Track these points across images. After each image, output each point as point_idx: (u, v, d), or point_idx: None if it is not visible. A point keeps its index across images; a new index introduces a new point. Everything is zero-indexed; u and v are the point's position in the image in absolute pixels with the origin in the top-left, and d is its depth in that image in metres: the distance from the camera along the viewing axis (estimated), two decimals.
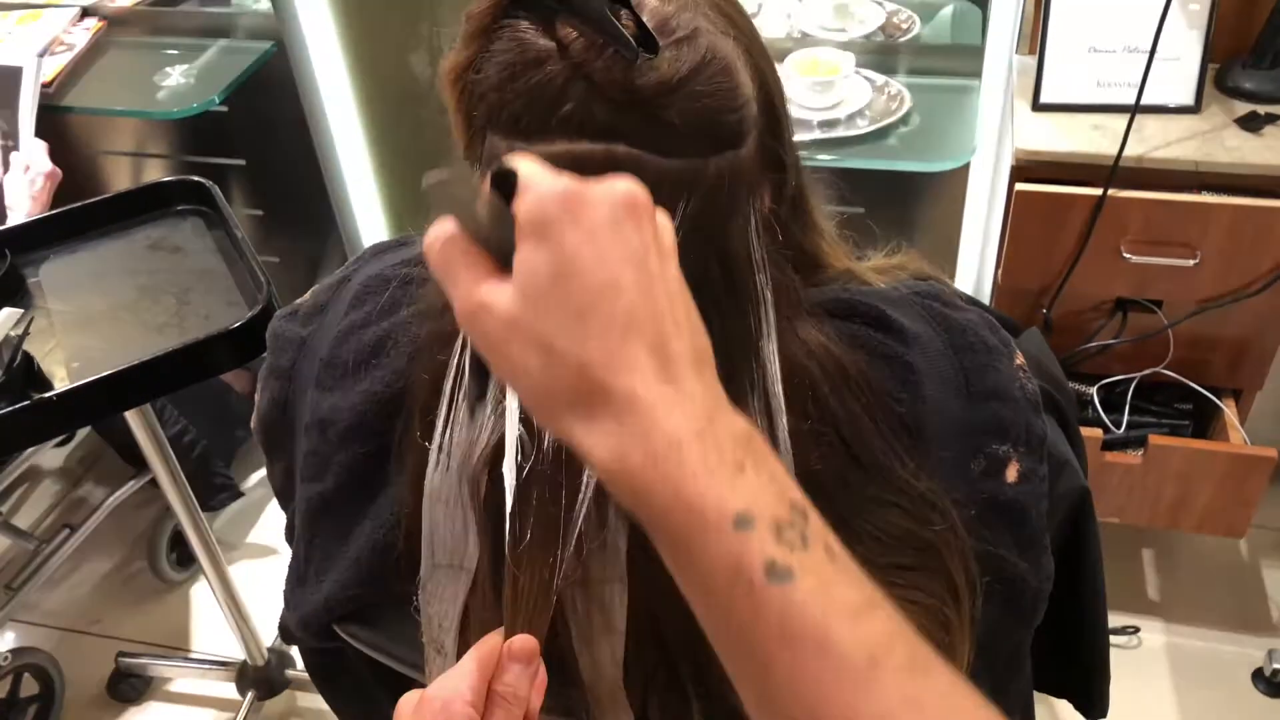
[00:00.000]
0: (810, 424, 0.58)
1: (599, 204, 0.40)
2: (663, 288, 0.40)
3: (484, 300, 0.40)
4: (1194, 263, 1.36)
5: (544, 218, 0.39)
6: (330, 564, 0.69)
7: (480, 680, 0.48)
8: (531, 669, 0.50)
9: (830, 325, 0.61)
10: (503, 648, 0.50)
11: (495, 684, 0.49)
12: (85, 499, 2.11)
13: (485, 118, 0.54)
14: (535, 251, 0.39)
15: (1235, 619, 1.71)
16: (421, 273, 0.68)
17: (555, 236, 0.39)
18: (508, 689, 0.49)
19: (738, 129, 0.53)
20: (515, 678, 0.49)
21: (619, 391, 0.38)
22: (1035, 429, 0.65)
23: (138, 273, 1.31)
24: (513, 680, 0.49)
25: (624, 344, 0.39)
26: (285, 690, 1.71)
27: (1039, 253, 1.44)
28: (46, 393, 1.09)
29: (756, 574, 0.37)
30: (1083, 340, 1.54)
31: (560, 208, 0.39)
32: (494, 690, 0.49)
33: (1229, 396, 1.57)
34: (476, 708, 0.47)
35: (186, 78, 1.82)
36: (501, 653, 0.50)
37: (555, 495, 0.54)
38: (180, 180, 1.40)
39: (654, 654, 0.61)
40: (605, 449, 0.39)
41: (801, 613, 0.37)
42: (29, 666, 1.69)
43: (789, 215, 0.61)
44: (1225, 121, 1.40)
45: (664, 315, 0.40)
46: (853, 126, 1.54)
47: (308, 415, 0.69)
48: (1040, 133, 1.41)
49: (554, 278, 0.39)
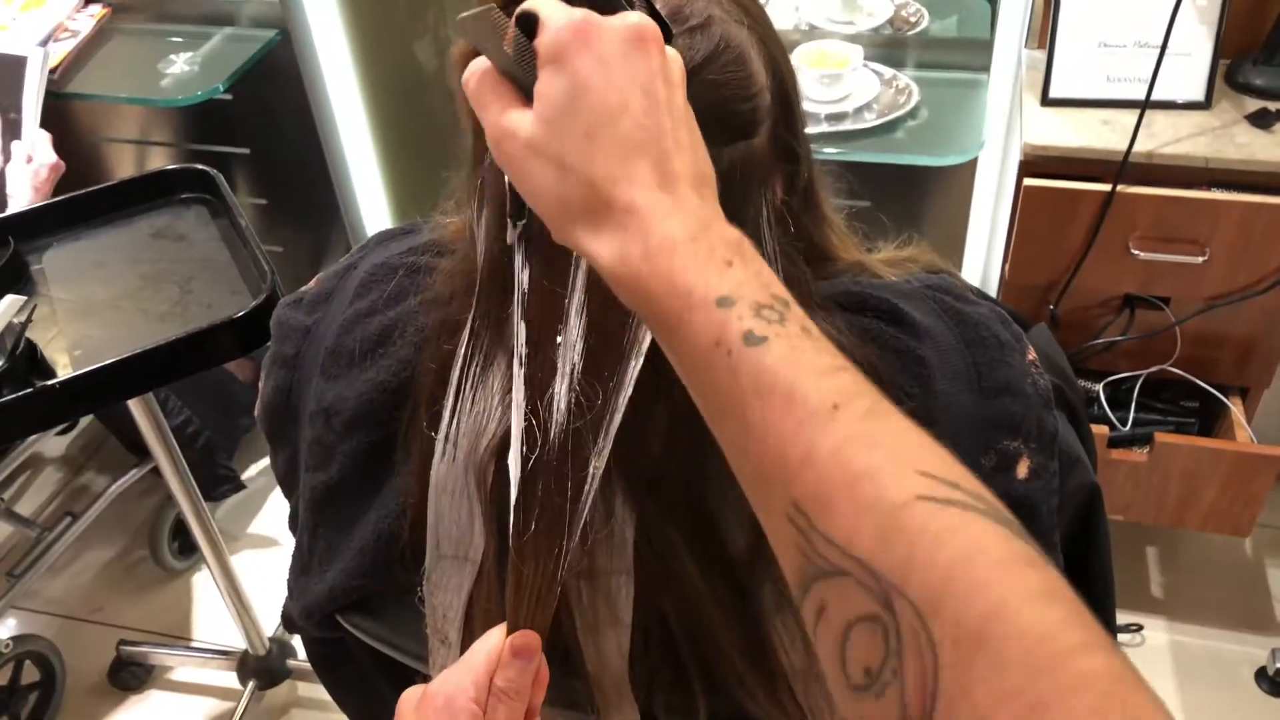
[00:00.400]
0: None
1: (610, 34, 0.43)
2: (667, 111, 0.43)
3: (509, 125, 0.44)
4: (1202, 260, 1.36)
5: (560, 47, 0.42)
6: (334, 553, 0.69)
7: (483, 676, 0.49)
8: (533, 665, 0.50)
9: (841, 318, 0.61)
10: (504, 644, 0.50)
11: (497, 679, 0.49)
12: (87, 487, 2.11)
13: None
14: (552, 78, 0.43)
15: (1239, 618, 1.71)
16: (428, 261, 0.67)
17: (570, 63, 0.42)
18: (509, 685, 0.49)
19: (751, 118, 0.53)
20: (517, 673, 0.49)
21: (621, 202, 0.42)
22: (1047, 425, 0.64)
23: (141, 261, 1.30)
24: (514, 676, 0.49)
25: (627, 160, 0.42)
26: (286, 680, 1.71)
27: (1046, 248, 1.44)
28: (49, 380, 1.09)
29: (735, 341, 0.40)
30: (1090, 337, 1.53)
31: (575, 37, 0.42)
32: (495, 686, 0.49)
33: (1236, 395, 1.57)
34: (479, 703, 0.48)
35: (191, 65, 1.82)
36: (503, 649, 0.49)
37: (561, 486, 0.54)
38: (184, 168, 1.40)
39: (660, 647, 0.61)
40: (609, 253, 0.42)
41: (774, 369, 0.39)
42: (30, 654, 1.69)
43: (800, 207, 0.61)
44: (1236, 118, 1.39)
45: (666, 135, 0.43)
46: (860, 120, 1.53)
47: (312, 403, 0.69)
48: (1049, 128, 1.40)
49: (568, 101, 0.42)
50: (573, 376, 0.52)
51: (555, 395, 0.52)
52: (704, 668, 0.60)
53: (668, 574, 0.57)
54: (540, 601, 0.53)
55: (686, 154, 0.44)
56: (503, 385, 0.57)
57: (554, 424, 0.52)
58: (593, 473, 0.54)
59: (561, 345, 0.52)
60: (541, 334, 0.52)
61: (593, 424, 0.52)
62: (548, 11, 0.44)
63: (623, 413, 0.52)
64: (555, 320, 0.52)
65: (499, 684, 0.49)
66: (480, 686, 0.48)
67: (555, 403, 0.52)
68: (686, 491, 0.57)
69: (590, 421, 0.52)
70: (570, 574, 0.59)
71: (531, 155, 0.43)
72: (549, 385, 0.52)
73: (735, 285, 0.41)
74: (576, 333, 0.52)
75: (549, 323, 0.52)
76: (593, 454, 0.52)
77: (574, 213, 0.43)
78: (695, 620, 0.58)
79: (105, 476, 2.07)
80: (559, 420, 0.52)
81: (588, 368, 0.52)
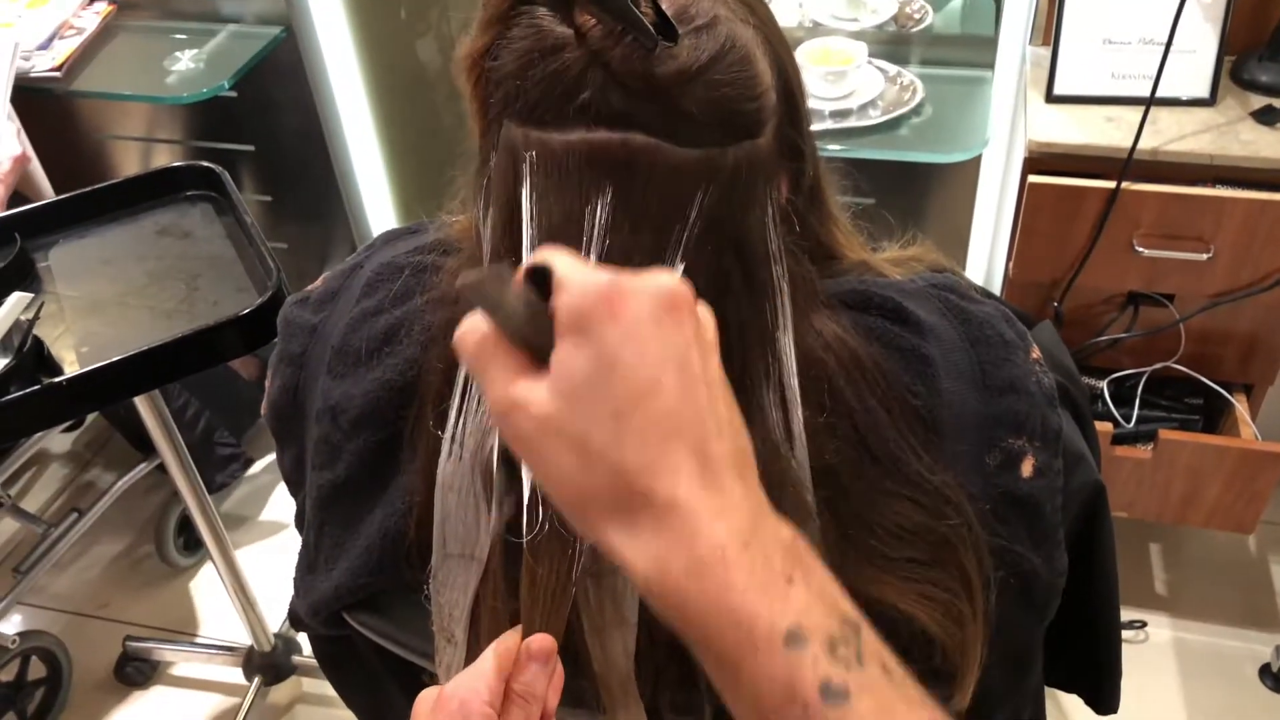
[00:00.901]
0: (825, 416, 0.58)
1: (639, 300, 0.38)
2: (704, 387, 0.39)
3: (518, 398, 0.39)
4: (1207, 256, 1.35)
5: (583, 316, 0.38)
6: (341, 552, 0.69)
7: (498, 680, 0.48)
8: (549, 667, 0.49)
9: (846, 317, 0.61)
10: (520, 646, 0.50)
11: (513, 683, 0.48)
12: (93, 483, 2.12)
13: (501, 105, 0.54)
14: (574, 351, 0.38)
15: (1243, 614, 1.71)
16: (435, 260, 0.67)
17: (594, 334, 0.38)
18: (525, 688, 0.48)
19: (756, 118, 0.53)
20: (533, 676, 0.49)
21: (659, 497, 0.37)
22: (1051, 423, 0.65)
23: (147, 258, 1.31)
24: (530, 679, 0.49)
25: (664, 447, 0.37)
26: (291, 676, 1.72)
27: (1051, 246, 1.44)
28: (56, 377, 1.09)
29: (811, 695, 0.36)
30: (1094, 334, 1.53)
31: (600, 305, 0.38)
32: (511, 689, 0.48)
33: (1240, 392, 1.57)
34: (494, 707, 0.47)
35: (196, 63, 1.82)
36: (519, 651, 0.49)
37: None
38: (189, 165, 1.40)
39: (665, 646, 0.61)
40: (645, 558, 0.37)
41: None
42: (37, 649, 1.70)
43: (806, 206, 0.61)
44: (1241, 115, 1.38)
45: (705, 416, 0.39)
46: (865, 117, 1.53)
47: (319, 402, 0.69)
48: (1053, 125, 1.40)
49: (592, 376, 0.37)
50: None
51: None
52: None
53: None
54: (555, 601, 0.53)
55: (726, 433, 0.39)
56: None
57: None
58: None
59: None
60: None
61: None
62: (566, 271, 0.39)
63: None
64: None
65: (516, 688, 0.48)
66: (494, 691, 0.48)
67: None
68: None
69: None
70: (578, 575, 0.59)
71: (548, 435, 0.38)
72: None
73: (802, 612, 0.36)
74: None
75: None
76: None
77: (601, 506, 0.38)
78: None
79: (111, 473, 2.08)
80: None
81: None
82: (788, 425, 0.56)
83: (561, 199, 0.52)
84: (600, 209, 0.51)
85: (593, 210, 0.51)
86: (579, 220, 0.52)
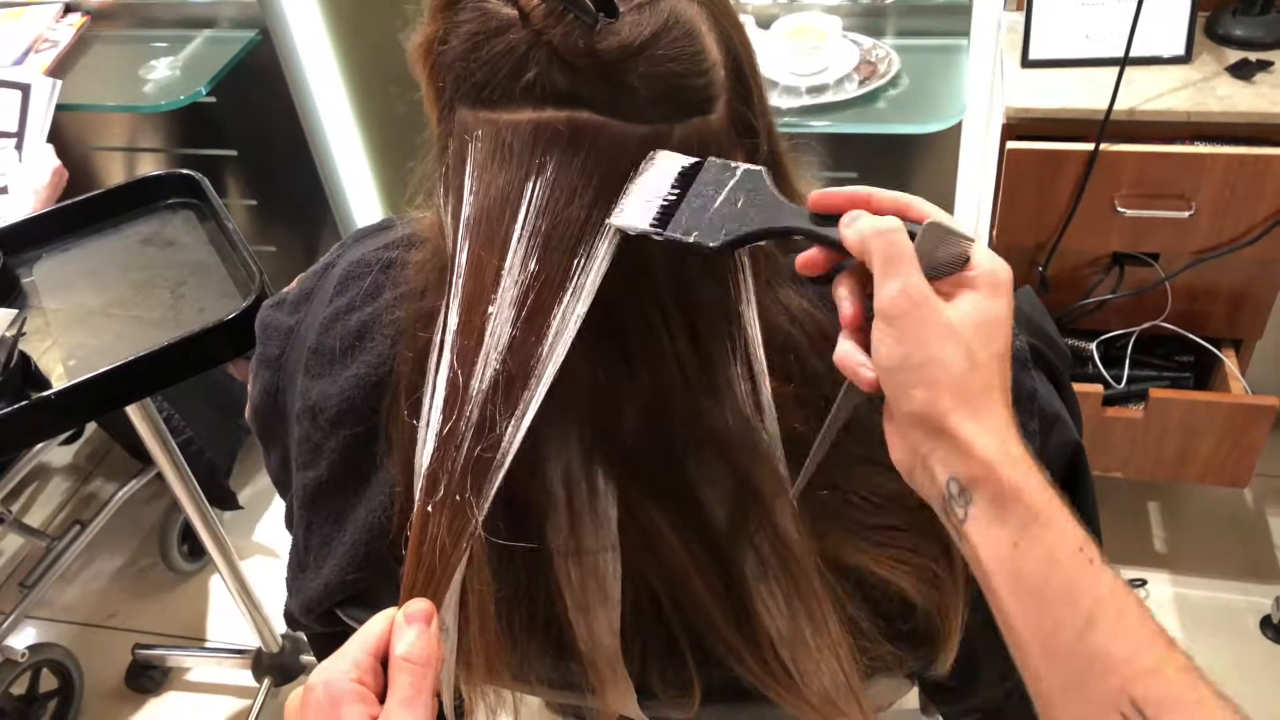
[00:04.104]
0: (794, 387, 0.58)
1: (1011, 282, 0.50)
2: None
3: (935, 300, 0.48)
4: (1189, 214, 1.35)
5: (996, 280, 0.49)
6: (328, 549, 0.70)
7: (366, 655, 0.47)
8: (433, 630, 0.48)
9: (812, 289, 0.61)
10: (396, 615, 0.48)
11: (394, 651, 0.47)
12: (95, 495, 2.13)
13: (453, 89, 0.54)
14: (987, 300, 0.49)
15: (1242, 568, 1.72)
16: (401, 256, 0.68)
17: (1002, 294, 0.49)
18: (409, 652, 0.47)
19: (705, 94, 0.53)
20: (415, 639, 0.47)
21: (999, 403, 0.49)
22: (1023, 385, 0.65)
23: (131, 268, 1.31)
24: (413, 643, 0.47)
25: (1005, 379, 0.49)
26: (300, 675, 1.73)
27: (1033, 210, 1.44)
28: (44, 392, 1.10)
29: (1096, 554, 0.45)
30: (1080, 296, 1.53)
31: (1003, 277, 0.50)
32: (397, 658, 0.47)
33: (1229, 347, 1.57)
34: (365, 682, 0.46)
35: (173, 70, 1.82)
36: (394, 619, 0.48)
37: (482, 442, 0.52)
38: (169, 174, 1.40)
39: (651, 622, 0.62)
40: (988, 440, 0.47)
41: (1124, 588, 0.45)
42: (47, 662, 1.71)
43: None
44: (1217, 70, 1.38)
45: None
46: (841, 91, 1.53)
47: (299, 402, 0.70)
48: (1030, 90, 1.40)
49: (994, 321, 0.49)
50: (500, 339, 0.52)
51: (483, 355, 0.52)
52: (694, 639, 0.61)
53: (651, 548, 0.58)
54: (443, 566, 0.51)
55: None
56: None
57: (479, 386, 0.52)
58: (517, 417, 0.52)
59: (494, 313, 0.52)
60: (474, 304, 0.53)
61: (521, 375, 0.51)
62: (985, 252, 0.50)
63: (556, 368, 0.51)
64: (491, 290, 0.52)
65: (399, 653, 0.47)
66: (362, 666, 0.46)
67: (481, 366, 0.52)
68: (664, 466, 0.58)
69: (519, 372, 0.51)
70: (559, 556, 0.60)
71: (947, 334, 0.47)
72: (476, 351, 0.52)
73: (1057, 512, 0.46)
74: (509, 299, 0.52)
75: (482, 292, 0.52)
76: (521, 401, 0.51)
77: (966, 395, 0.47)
78: (682, 592, 0.59)
79: (112, 484, 2.08)
80: (483, 384, 0.52)
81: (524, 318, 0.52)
82: (757, 398, 0.56)
83: (501, 173, 0.52)
84: (539, 183, 0.51)
85: (532, 184, 0.51)
86: (517, 194, 0.52)
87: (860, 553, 0.59)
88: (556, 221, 0.51)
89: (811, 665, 0.60)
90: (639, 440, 0.57)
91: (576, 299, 0.51)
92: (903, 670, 0.65)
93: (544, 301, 0.51)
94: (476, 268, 0.53)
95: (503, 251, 0.52)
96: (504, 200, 0.52)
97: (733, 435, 0.57)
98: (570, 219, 0.51)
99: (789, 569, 0.58)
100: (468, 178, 0.53)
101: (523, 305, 0.51)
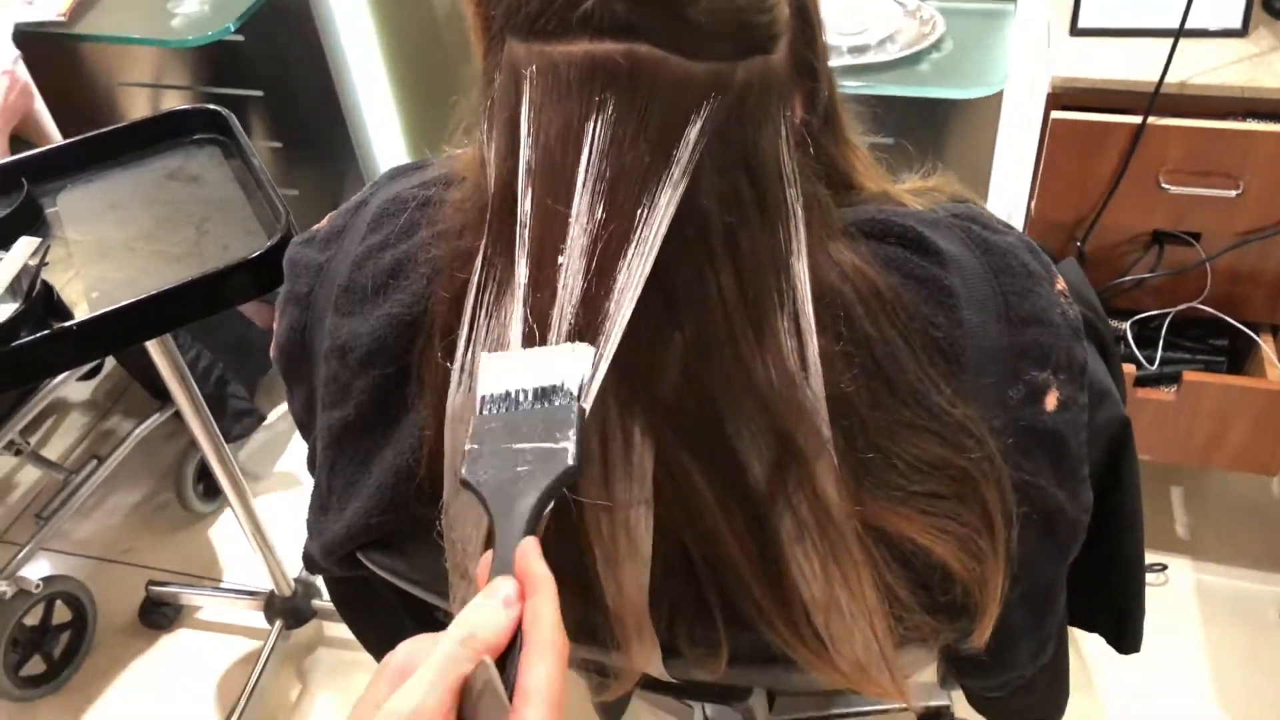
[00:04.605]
0: (842, 345, 0.56)
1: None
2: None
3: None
4: (1236, 193, 1.32)
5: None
6: (352, 491, 0.68)
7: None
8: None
9: (865, 246, 0.59)
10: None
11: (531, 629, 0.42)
12: (113, 431, 2.13)
13: (503, 20, 0.52)
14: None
15: (1265, 557, 1.69)
16: (438, 194, 0.66)
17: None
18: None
19: (769, 31, 0.51)
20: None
21: None
22: (1076, 356, 0.63)
23: (155, 202, 1.29)
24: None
25: None
26: (312, 619, 1.73)
27: (1074, 183, 1.40)
28: (66, 322, 1.09)
29: None
30: (1117, 274, 1.50)
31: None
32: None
33: (1267, 332, 1.54)
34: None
35: (201, 5, 1.79)
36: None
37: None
38: (196, 109, 1.38)
39: (681, 582, 0.60)
40: None
41: None
42: (61, 594, 1.72)
43: (821, 128, 0.59)
44: (1274, 45, 1.34)
45: None
46: (883, 52, 1.50)
47: (327, 341, 0.68)
48: (1078, 58, 1.36)
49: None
50: (573, 292, 0.51)
51: (559, 310, 0.51)
52: (725, 599, 0.60)
53: (686, 504, 0.56)
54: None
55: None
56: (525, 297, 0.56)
57: (555, 341, 0.51)
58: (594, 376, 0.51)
59: (564, 264, 0.51)
60: (544, 254, 0.51)
61: (592, 329, 0.51)
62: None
63: (625, 323, 0.50)
64: (560, 240, 0.51)
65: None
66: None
67: (557, 320, 0.51)
68: (703, 421, 0.56)
69: (588, 327, 0.51)
70: (590, 508, 0.58)
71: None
72: (551, 305, 0.51)
73: None
74: (579, 249, 0.50)
75: (552, 242, 0.51)
76: (595, 358, 0.50)
77: None
78: (715, 552, 0.58)
79: (130, 421, 2.08)
80: (560, 339, 0.51)
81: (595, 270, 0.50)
82: (802, 353, 0.54)
83: (560, 113, 0.50)
84: (600, 123, 0.49)
85: (593, 124, 0.49)
86: (578, 136, 0.50)
87: (902, 519, 0.58)
88: (620, 167, 0.50)
89: (844, 632, 0.58)
90: (679, 394, 0.55)
91: (641, 251, 0.49)
92: (938, 641, 0.63)
93: (612, 251, 0.50)
94: (544, 217, 0.51)
95: (568, 198, 0.50)
96: (565, 142, 0.50)
97: (776, 392, 0.55)
98: (633, 164, 0.50)
99: (827, 532, 0.57)
100: (524, 118, 0.51)
101: (592, 256, 0.50)
